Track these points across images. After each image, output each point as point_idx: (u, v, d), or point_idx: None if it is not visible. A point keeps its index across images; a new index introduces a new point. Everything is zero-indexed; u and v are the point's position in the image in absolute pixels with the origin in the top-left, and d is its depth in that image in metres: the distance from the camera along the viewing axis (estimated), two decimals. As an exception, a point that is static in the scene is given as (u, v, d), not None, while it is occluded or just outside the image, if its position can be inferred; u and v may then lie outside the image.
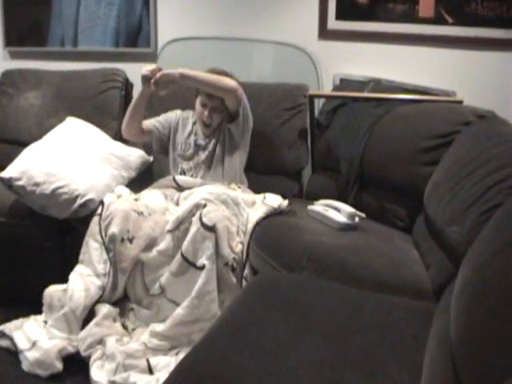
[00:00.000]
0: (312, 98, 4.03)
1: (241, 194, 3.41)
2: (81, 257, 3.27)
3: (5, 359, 3.06)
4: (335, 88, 4.13)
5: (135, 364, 2.82)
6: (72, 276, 3.21)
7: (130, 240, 3.15)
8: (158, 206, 3.37)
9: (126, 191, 3.50)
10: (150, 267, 3.19)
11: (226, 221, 3.10)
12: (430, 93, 3.72)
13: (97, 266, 3.20)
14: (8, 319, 3.27)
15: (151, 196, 3.45)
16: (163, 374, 2.63)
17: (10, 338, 3.11)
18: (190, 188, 3.46)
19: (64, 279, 3.29)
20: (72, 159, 3.58)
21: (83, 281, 3.16)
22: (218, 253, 3.01)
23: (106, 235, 3.18)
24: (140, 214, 3.24)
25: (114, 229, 3.15)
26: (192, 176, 3.64)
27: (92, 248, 3.24)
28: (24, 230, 3.55)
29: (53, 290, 3.20)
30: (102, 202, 3.33)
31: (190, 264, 3.03)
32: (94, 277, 3.18)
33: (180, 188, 3.54)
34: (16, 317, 3.28)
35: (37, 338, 3.04)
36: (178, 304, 3.06)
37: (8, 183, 3.38)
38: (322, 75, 4.23)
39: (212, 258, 2.98)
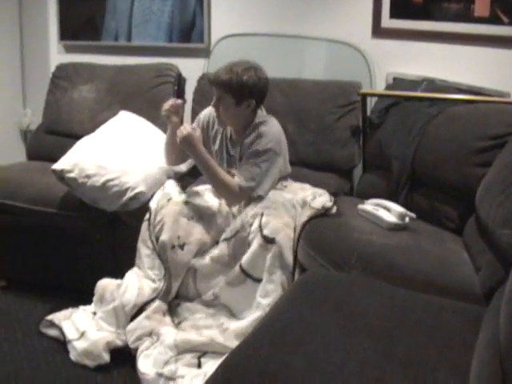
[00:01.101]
0: (364, 96, 4.01)
1: (292, 195, 3.37)
2: (136, 261, 3.31)
3: (53, 348, 3.12)
4: (388, 87, 4.11)
5: (186, 359, 2.84)
6: (129, 273, 3.25)
7: (181, 246, 3.15)
8: (209, 207, 3.34)
9: (175, 190, 3.43)
10: (202, 274, 3.20)
11: (286, 228, 3.07)
12: (484, 93, 3.68)
13: (149, 273, 3.22)
14: (57, 309, 3.32)
15: (202, 197, 3.40)
16: (211, 369, 2.63)
17: (59, 328, 3.16)
18: None
19: (114, 271, 3.34)
20: (123, 152, 3.61)
21: (139, 280, 3.19)
22: (283, 263, 3.00)
23: (157, 241, 3.20)
24: (190, 218, 3.24)
25: (163, 236, 3.16)
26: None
27: (143, 255, 3.26)
28: (75, 222, 3.59)
29: (106, 283, 3.24)
30: (149, 208, 3.34)
31: (247, 276, 3.04)
32: (149, 280, 3.21)
33: None
34: (65, 307, 3.33)
35: (85, 328, 3.09)
36: (230, 309, 3.09)
37: (60, 175, 3.42)
38: (375, 73, 4.22)
39: (270, 270, 2.97)
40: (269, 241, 2.98)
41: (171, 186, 3.46)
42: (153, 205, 3.33)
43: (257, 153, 3.27)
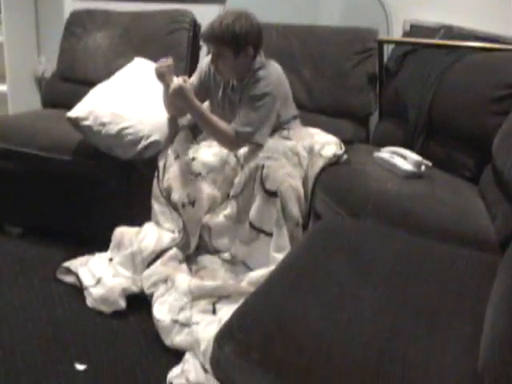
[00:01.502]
0: (381, 43, 3.97)
1: (295, 141, 3.32)
2: (152, 218, 3.34)
3: (70, 295, 3.15)
4: (405, 34, 4.06)
5: (201, 305, 2.85)
6: (148, 223, 3.29)
7: (192, 203, 3.17)
8: (216, 161, 3.32)
9: (183, 146, 3.41)
10: (216, 232, 3.22)
11: (288, 178, 3.05)
12: (503, 41, 3.63)
13: (167, 226, 3.25)
14: (74, 256, 3.35)
15: (209, 151, 3.37)
16: (225, 316, 2.64)
17: (76, 274, 3.19)
18: None
19: (129, 218, 3.36)
20: (138, 100, 3.60)
21: (157, 230, 3.23)
22: (287, 215, 3.00)
23: (169, 197, 3.23)
24: (198, 175, 3.24)
25: (173, 195, 3.20)
26: None
27: (158, 212, 3.30)
28: (90, 169, 3.60)
29: (125, 230, 3.28)
30: (157, 165, 3.35)
31: (259, 231, 3.04)
32: (168, 232, 3.23)
33: None
34: (81, 254, 3.36)
35: (101, 274, 3.12)
36: (248, 266, 3.10)
37: (75, 123, 3.42)
38: (391, 20, 4.17)
39: (279, 223, 2.97)
40: (272, 194, 2.98)
41: (180, 141, 3.45)
42: (160, 163, 3.34)
43: (254, 97, 3.23)
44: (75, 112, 3.43)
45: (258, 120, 3.22)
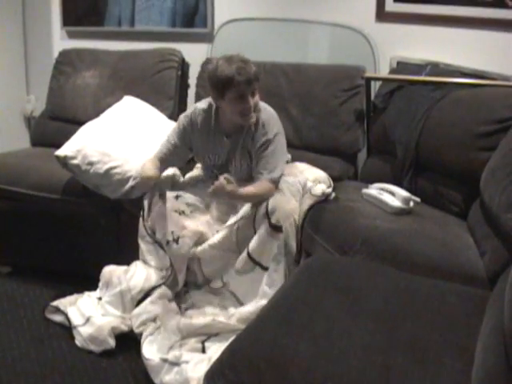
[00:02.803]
0: (368, 80, 4.00)
1: (293, 178, 3.32)
2: (140, 257, 3.31)
3: (59, 334, 3.14)
4: (392, 71, 4.09)
5: (191, 344, 2.84)
6: (136, 262, 3.27)
7: (176, 240, 3.15)
8: (200, 201, 3.34)
9: (168, 184, 3.42)
10: (205, 260, 3.21)
11: (294, 214, 3.06)
12: (489, 77, 3.66)
13: (155, 264, 3.22)
14: (62, 295, 3.34)
15: (194, 189, 3.39)
16: (215, 355, 2.63)
17: (65, 314, 3.17)
18: None
19: (118, 257, 3.35)
20: (127, 138, 3.61)
21: (146, 268, 3.21)
22: (287, 251, 3.00)
23: (155, 235, 3.21)
24: (181, 213, 3.24)
25: (158, 234, 3.18)
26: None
27: (145, 251, 3.26)
28: (79, 208, 3.61)
29: (113, 269, 3.26)
30: (142, 204, 3.30)
31: (255, 263, 3.03)
32: (156, 269, 3.21)
33: None
34: (70, 293, 3.35)
35: (90, 314, 3.10)
36: (237, 298, 3.09)
37: (63, 161, 3.43)
38: (378, 58, 4.20)
39: (277, 259, 2.97)
40: (277, 229, 2.97)
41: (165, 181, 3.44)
42: (146, 202, 3.31)
43: (268, 141, 3.20)
44: (63, 151, 3.43)
45: (280, 160, 3.24)
